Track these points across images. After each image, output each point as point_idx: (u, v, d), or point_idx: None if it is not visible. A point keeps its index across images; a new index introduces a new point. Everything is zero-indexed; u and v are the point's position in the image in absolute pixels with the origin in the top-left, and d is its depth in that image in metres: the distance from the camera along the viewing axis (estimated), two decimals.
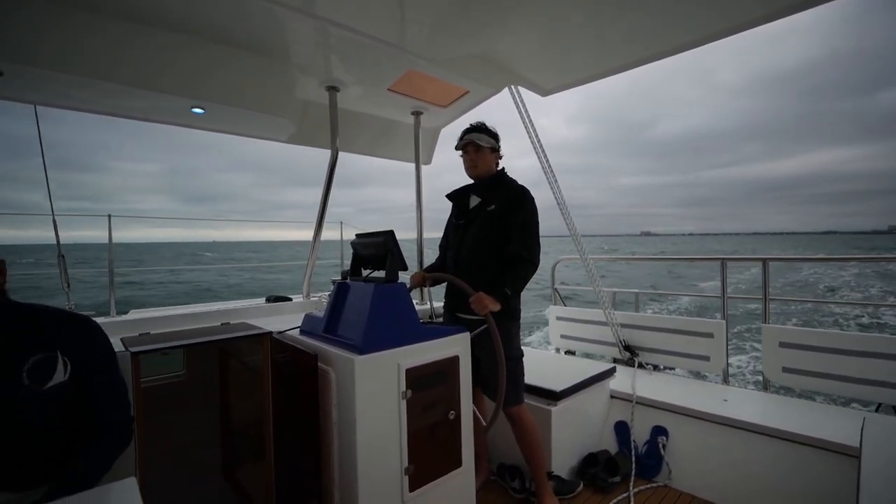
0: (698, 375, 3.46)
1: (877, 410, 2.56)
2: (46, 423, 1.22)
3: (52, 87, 2.00)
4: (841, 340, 2.60)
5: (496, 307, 1.99)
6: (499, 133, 2.29)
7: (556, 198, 3.20)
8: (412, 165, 3.35)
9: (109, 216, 2.73)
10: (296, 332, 2.06)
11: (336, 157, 2.82)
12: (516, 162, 2.83)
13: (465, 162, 2.28)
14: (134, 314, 2.55)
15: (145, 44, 1.96)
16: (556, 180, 3.17)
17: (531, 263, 2.08)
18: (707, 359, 3.11)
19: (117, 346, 1.55)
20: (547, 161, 3.15)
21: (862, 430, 1.49)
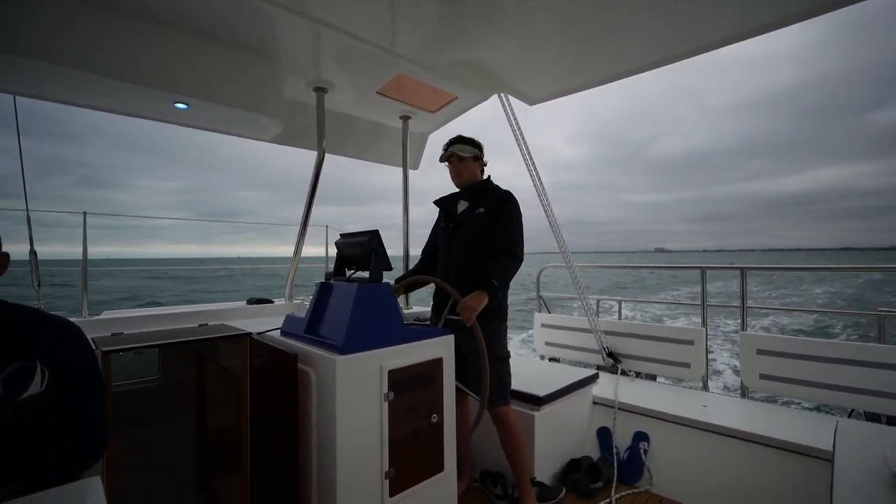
0: (679, 382, 3.50)
1: (849, 416, 2.62)
2: (13, 431, 1.16)
3: (30, 76, 1.94)
4: (815, 348, 2.66)
5: (483, 303, 2.00)
6: (483, 144, 2.40)
7: (536, 190, 3.20)
8: (425, 183, 3.33)
9: (84, 213, 2.66)
10: (276, 333, 2.02)
11: (322, 159, 2.80)
12: (518, 181, 2.91)
13: (450, 172, 2.39)
14: (107, 314, 2.47)
15: (128, 34, 1.92)
16: (539, 178, 3.19)
17: (516, 257, 2.15)
18: (688, 366, 3.15)
19: None
20: (533, 165, 3.18)
21: (835, 434, 1.52)
